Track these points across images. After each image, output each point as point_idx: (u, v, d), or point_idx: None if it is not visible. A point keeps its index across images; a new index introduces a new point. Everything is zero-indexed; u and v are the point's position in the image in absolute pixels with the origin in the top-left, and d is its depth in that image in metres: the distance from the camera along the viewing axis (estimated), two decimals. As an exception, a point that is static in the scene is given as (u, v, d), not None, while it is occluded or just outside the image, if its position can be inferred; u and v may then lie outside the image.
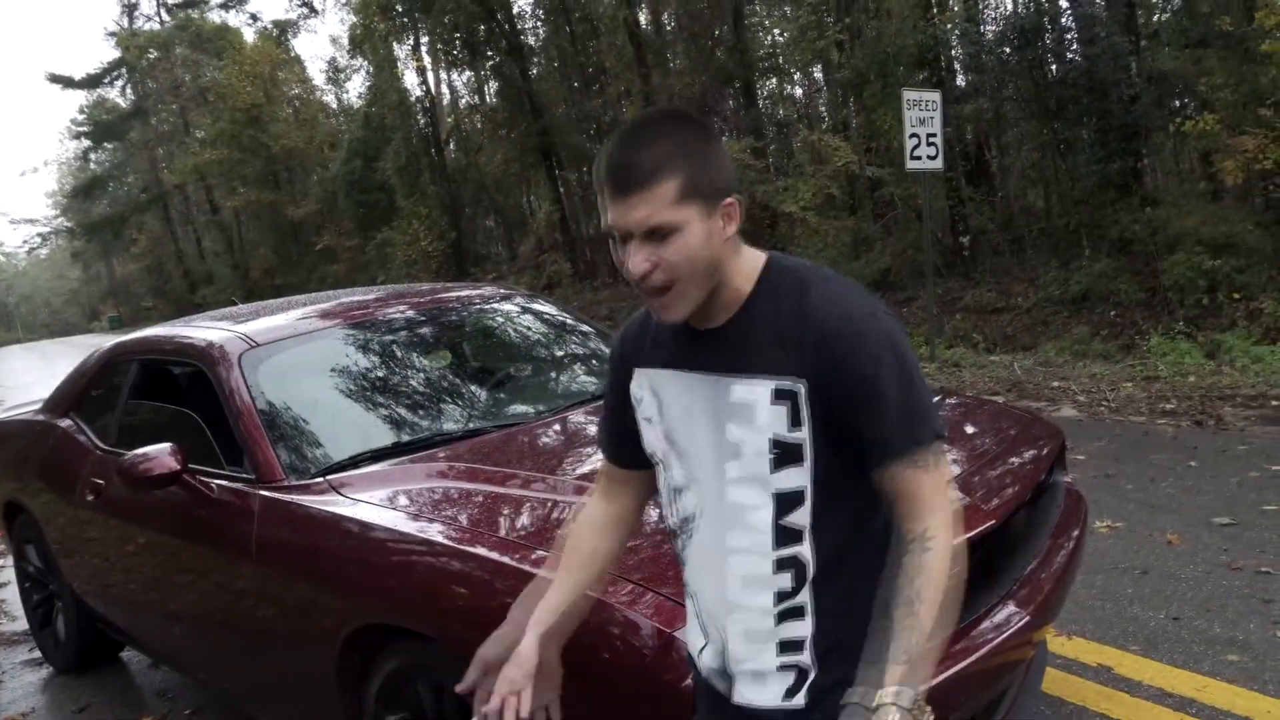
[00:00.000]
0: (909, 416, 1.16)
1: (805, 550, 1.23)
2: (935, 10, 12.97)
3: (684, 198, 1.15)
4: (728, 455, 1.24)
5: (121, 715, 3.57)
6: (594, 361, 3.61)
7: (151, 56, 37.53)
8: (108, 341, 3.94)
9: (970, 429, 2.78)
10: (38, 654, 4.21)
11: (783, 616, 1.25)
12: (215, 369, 2.87)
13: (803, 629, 1.25)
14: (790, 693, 1.27)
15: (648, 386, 1.35)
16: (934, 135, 8.22)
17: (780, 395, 1.19)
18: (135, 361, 3.52)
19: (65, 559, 3.69)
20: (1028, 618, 2.02)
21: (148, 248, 46.49)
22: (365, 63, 26.08)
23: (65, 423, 3.74)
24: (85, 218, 46.96)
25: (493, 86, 24.52)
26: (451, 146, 26.14)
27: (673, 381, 1.30)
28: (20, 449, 4.06)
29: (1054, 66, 11.29)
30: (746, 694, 1.29)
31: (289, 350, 3.01)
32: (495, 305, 3.75)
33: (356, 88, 35.67)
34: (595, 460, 2.62)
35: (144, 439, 2.94)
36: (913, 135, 8.16)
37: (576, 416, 2.96)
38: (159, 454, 2.65)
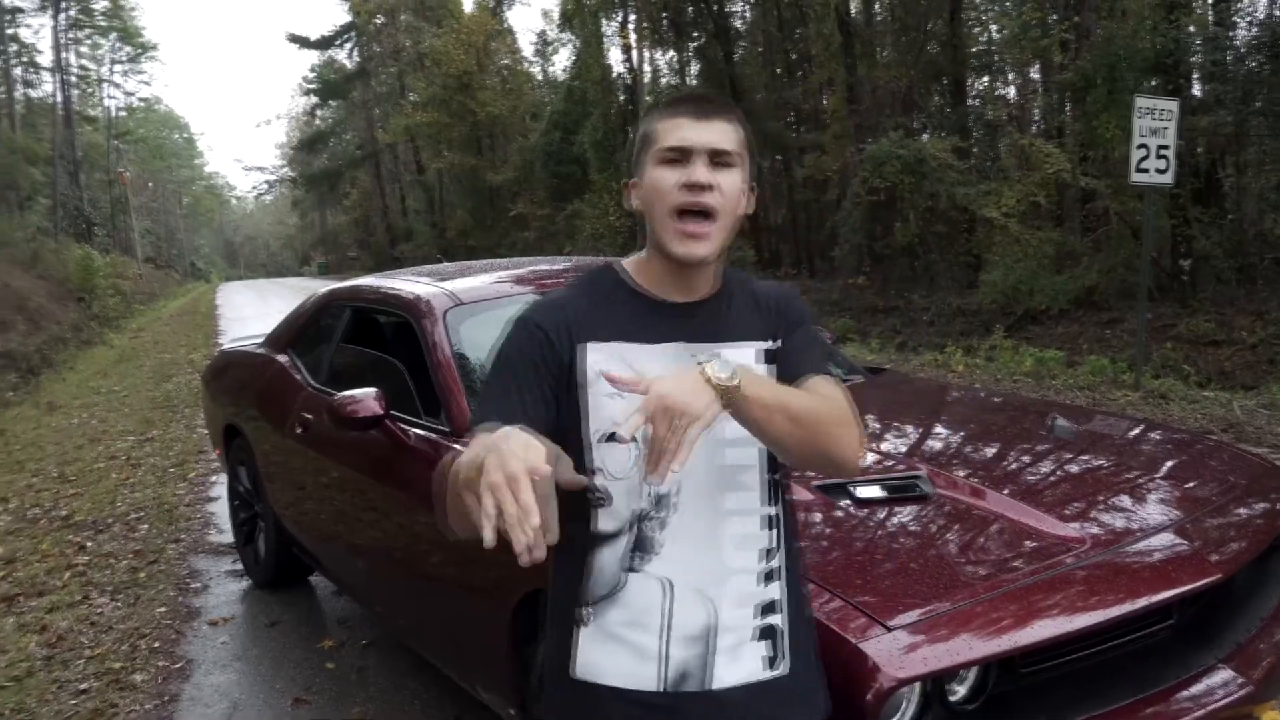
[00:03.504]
0: (822, 355, 1.41)
1: (779, 507, 1.34)
2: (1179, 12, 11.95)
3: (742, 147, 1.31)
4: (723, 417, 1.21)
5: (306, 635, 3.83)
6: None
7: (378, 21, 39.86)
8: (319, 285, 4.19)
9: (1191, 469, 2.55)
10: (239, 566, 4.59)
11: (765, 577, 1.32)
12: (421, 321, 3.01)
13: (776, 591, 1.34)
14: (772, 661, 1.32)
15: (616, 362, 1.29)
16: (1165, 147, 7.59)
17: (766, 356, 1.35)
18: (348, 308, 3.74)
19: (270, 483, 3.98)
20: (1248, 688, 1.83)
21: (357, 201, 49.69)
22: (573, 37, 26.74)
23: (283, 358, 4.03)
24: (306, 169, 50.78)
25: (694, 68, 24.59)
26: (648, 125, 26.41)
27: (650, 354, 1.30)
28: (242, 377, 4.41)
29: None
30: (727, 674, 1.29)
31: (489, 311, 3.11)
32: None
33: (562, 61, 36.60)
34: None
35: (351, 381, 3.12)
36: (1141, 146, 7.56)
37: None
38: (365, 398, 2.81)
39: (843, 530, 2.02)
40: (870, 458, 2.50)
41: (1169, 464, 2.60)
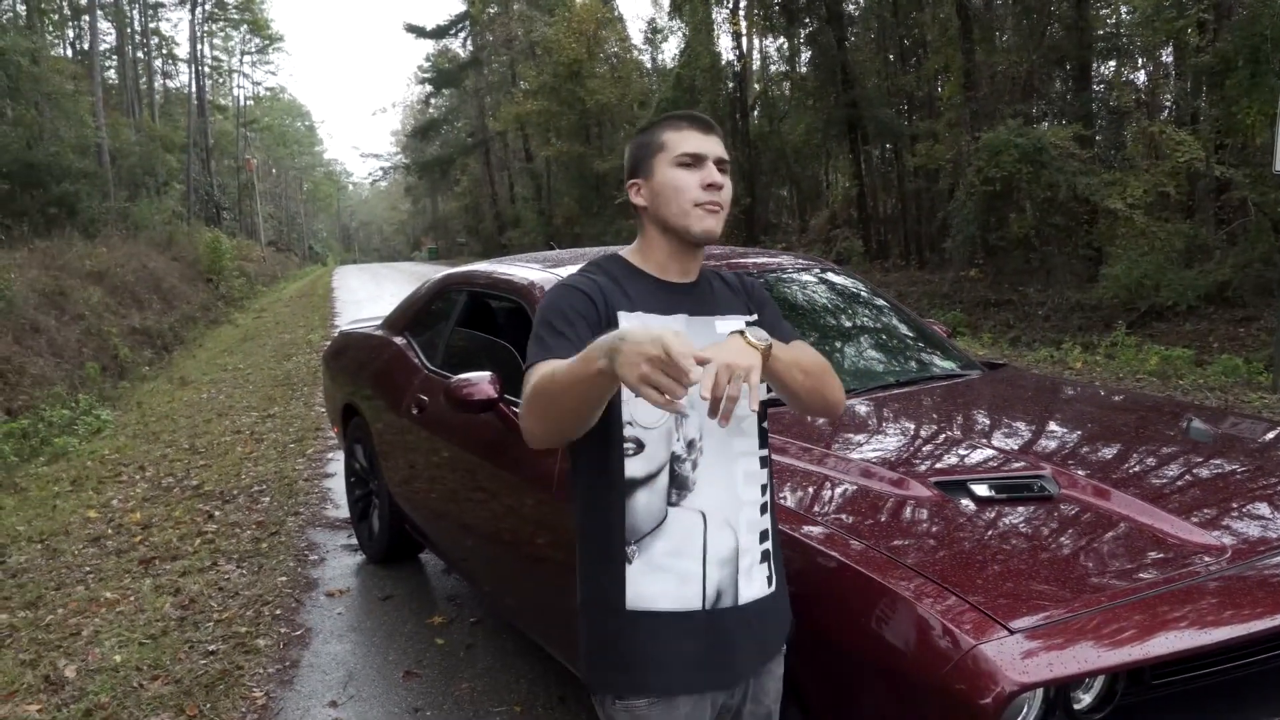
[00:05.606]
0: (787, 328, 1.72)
1: (767, 450, 1.64)
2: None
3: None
4: None
5: (417, 610, 3.96)
6: (895, 340, 3.49)
7: (492, 11, 40.55)
8: (429, 270, 4.30)
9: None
10: (354, 541, 4.76)
11: (763, 509, 1.60)
12: (535, 306, 3.05)
13: (768, 520, 1.62)
14: (770, 580, 1.60)
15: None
16: (1315, 134, 7.11)
17: (749, 325, 1.60)
18: (464, 292, 3.82)
19: (385, 462, 4.11)
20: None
21: (467, 188, 50.79)
22: (683, 25, 26.62)
23: (400, 340, 4.15)
24: (420, 156, 52.18)
25: (805, 55, 24.21)
26: (755, 113, 26.19)
27: (664, 323, 1.55)
28: (360, 358, 4.56)
29: None
30: (747, 591, 1.55)
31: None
32: (794, 275, 3.68)
33: (671, 49, 36.53)
34: (889, 440, 2.54)
35: (465, 365, 3.19)
36: (1287, 133, 7.10)
37: (885, 395, 2.88)
38: (480, 381, 2.87)
39: (962, 528, 1.97)
40: (988, 453, 2.43)
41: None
